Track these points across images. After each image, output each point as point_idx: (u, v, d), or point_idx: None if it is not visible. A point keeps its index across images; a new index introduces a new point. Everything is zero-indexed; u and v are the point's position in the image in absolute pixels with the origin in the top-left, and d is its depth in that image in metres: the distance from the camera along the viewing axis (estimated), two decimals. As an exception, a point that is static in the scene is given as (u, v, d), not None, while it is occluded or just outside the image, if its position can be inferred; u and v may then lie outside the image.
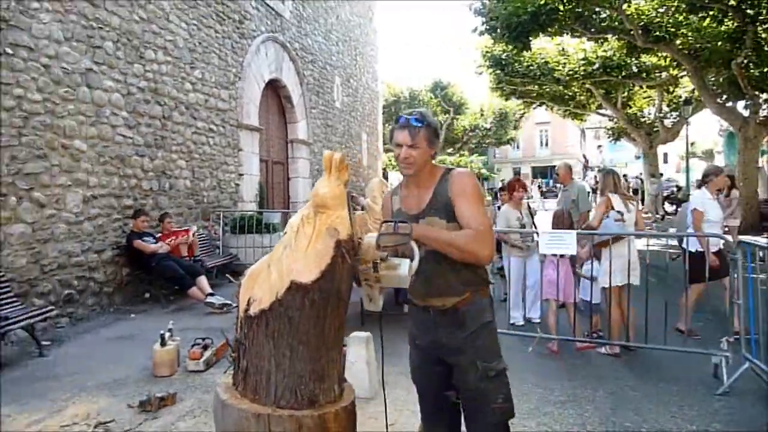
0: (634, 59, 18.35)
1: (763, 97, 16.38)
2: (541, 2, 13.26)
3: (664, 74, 19.48)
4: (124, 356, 5.22)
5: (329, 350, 1.93)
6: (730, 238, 6.17)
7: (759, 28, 13.66)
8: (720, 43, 14.55)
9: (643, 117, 25.03)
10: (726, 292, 5.70)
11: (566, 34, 16.47)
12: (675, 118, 22.99)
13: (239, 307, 2.01)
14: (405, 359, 2.62)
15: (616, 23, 15.37)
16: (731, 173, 11.02)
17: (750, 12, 13.09)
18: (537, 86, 21.68)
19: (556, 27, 14.71)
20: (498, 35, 15.16)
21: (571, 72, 19.67)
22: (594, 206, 6.92)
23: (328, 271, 1.87)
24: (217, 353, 4.96)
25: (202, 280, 7.27)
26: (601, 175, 5.89)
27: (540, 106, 26.24)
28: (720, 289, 5.99)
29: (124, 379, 4.64)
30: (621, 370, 4.87)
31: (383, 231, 2.01)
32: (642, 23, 14.77)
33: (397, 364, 3.91)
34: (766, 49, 14.22)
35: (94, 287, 6.93)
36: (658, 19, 14.93)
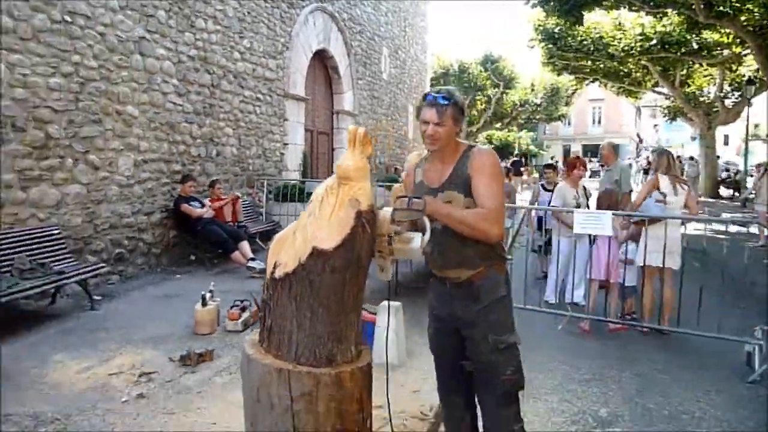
0: (694, 35, 17.59)
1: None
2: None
3: (727, 52, 18.62)
4: (168, 314, 5.51)
5: (347, 314, 2.04)
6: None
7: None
8: (788, 19, 13.82)
9: (702, 96, 24.03)
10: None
11: (623, 7, 15.89)
12: (737, 99, 21.99)
13: (266, 270, 2.15)
14: (428, 330, 2.71)
15: (676, -3, 14.75)
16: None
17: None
18: (590, 62, 21.09)
19: (612, 0, 14.22)
20: (551, 8, 14.79)
21: (626, 48, 19.02)
22: (636, 187, 6.80)
23: (349, 240, 1.97)
24: (254, 315, 5.17)
25: (245, 245, 7.53)
26: (656, 155, 5.77)
27: (593, 82, 25.51)
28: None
29: (168, 334, 4.92)
30: (652, 352, 4.85)
31: (398, 206, 2.10)
32: (704, -3, 14.13)
33: (423, 334, 4.00)
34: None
35: (143, 247, 7.28)
36: (721, -7, 14.25)
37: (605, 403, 3.83)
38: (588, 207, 6.59)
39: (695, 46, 18.22)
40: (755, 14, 14.44)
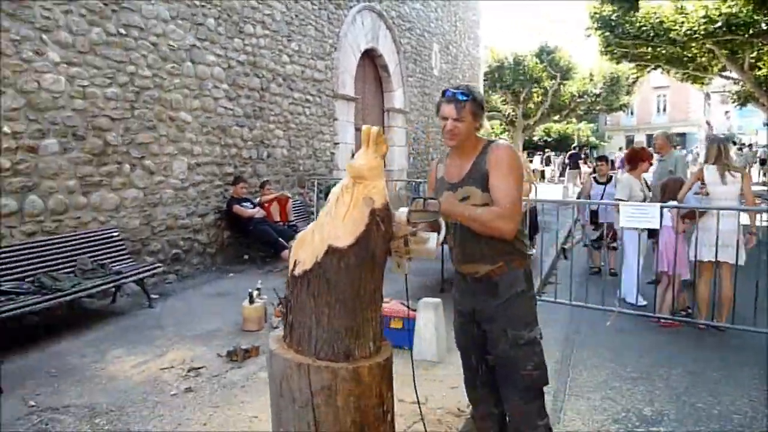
0: (763, 15, 16.59)
1: None
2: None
3: (799, 31, 17.48)
4: (219, 311, 5.71)
5: (364, 310, 2.08)
6: None
7: None
8: None
9: (774, 80, 22.65)
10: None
11: (684, -10, 15.21)
12: (812, 81, 20.65)
13: (289, 267, 2.22)
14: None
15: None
16: None
17: None
18: (651, 48, 20.22)
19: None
20: (605, -6, 14.31)
21: (689, 32, 18.13)
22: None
23: (363, 238, 2.01)
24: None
25: (294, 244, 7.67)
26: (707, 144, 5.53)
27: (654, 69, 24.44)
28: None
29: (218, 331, 5.11)
30: (705, 349, 4.66)
31: (413, 208, 2.12)
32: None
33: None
34: None
35: (198, 248, 7.57)
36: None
37: (651, 401, 3.72)
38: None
39: (765, 27, 17.18)
40: (830, -10, 13.52)
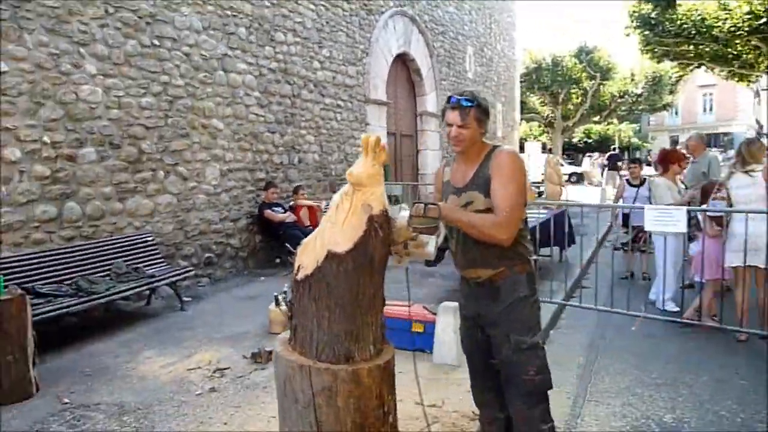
0: (811, 9, 16.00)
1: None
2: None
3: None
4: (248, 313, 5.85)
5: (363, 314, 2.14)
6: None
7: None
8: None
9: (826, 76, 21.75)
10: None
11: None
12: None
13: (293, 272, 2.29)
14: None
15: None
16: None
17: None
18: (693, 46, 19.68)
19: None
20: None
21: (732, 28, 17.60)
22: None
23: (361, 243, 2.07)
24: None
25: (324, 248, 7.78)
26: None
27: (698, 68, 23.76)
28: None
29: (245, 333, 5.23)
30: (736, 357, 4.54)
31: (414, 213, 2.17)
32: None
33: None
34: None
35: (231, 252, 7.76)
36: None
37: (673, 408, 3.66)
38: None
39: (813, 22, 16.55)
40: None
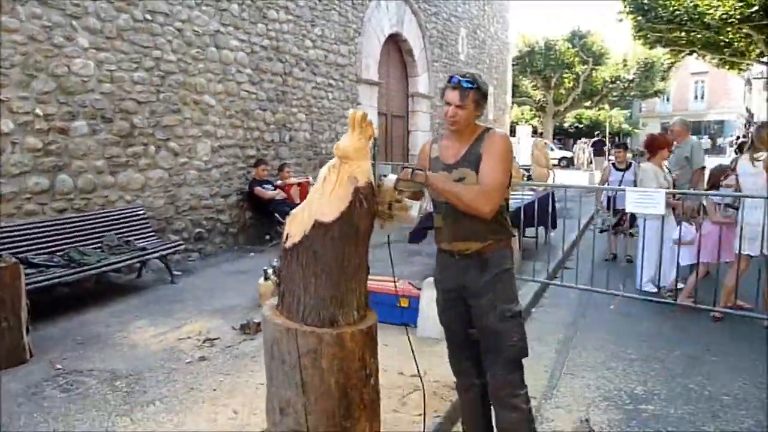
0: (803, -1, 16.09)
1: None
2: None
3: (842, 15, 16.88)
4: (238, 287, 5.96)
5: (348, 281, 2.25)
6: None
7: None
8: None
9: (815, 65, 21.92)
10: None
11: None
12: None
13: (282, 241, 2.39)
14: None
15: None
16: None
17: None
18: (685, 33, 19.77)
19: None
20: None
21: (724, 16, 17.70)
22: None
23: (347, 213, 2.17)
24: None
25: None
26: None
27: (689, 54, 23.85)
28: None
29: (235, 306, 5.35)
30: (711, 336, 4.72)
31: (402, 176, 2.28)
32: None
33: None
34: None
35: (221, 227, 7.85)
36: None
37: (644, 381, 3.83)
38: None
39: (804, 11, 16.66)
40: None
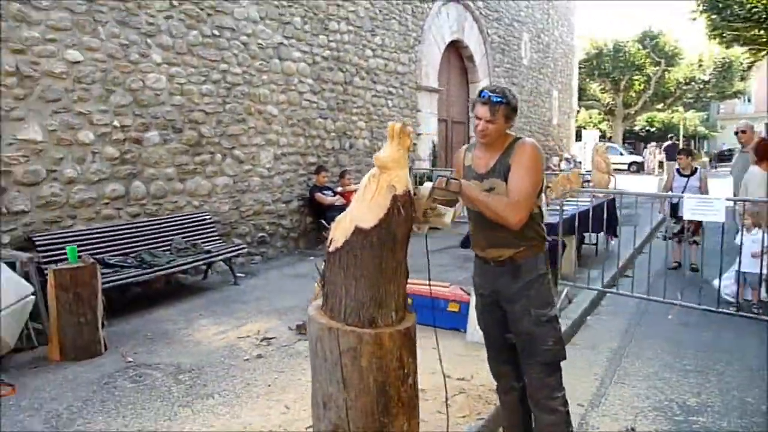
0: None
1: None
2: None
3: None
4: (296, 290, 6.19)
5: (386, 284, 2.37)
6: None
7: None
8: None
9: None
10: None
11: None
12: None
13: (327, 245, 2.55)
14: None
15: None
16: None
17: None
18: (764, 31, 18.79)
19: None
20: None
21: (807, 12, 16.74)
22: None
23: (385, 220, 2.30)
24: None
25: (371, 231, 8.07)
26: None
27: (770, 53, 22.63)
28: None
29: (292, 307, 5.57)
30: (770, 347, 4.53)
31: (437, 185, 2.39)
32: None
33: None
34: None
35: (282, 232, 8.15)
36: None
37: (698, 393, 3.75)
38: None
39: None
40: None
